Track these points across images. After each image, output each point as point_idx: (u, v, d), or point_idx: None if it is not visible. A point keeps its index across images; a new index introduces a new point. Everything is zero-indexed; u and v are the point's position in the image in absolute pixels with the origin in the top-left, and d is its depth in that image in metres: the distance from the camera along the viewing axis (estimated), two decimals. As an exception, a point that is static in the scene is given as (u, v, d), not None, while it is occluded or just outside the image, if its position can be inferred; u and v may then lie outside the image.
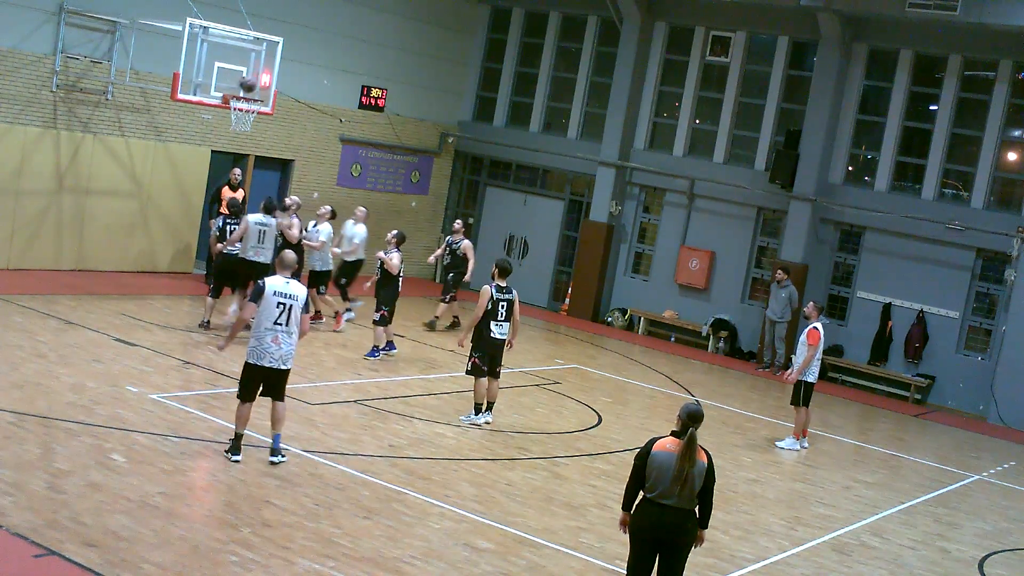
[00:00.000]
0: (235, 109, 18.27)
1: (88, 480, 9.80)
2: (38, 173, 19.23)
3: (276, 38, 18.67)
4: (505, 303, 13.95)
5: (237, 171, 21.18)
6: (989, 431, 20.26)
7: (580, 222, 25.57)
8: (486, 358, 13.94)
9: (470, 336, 14.00)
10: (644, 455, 8.19)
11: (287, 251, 11.70)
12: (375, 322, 16.90)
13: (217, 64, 18.03)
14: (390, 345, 17.26)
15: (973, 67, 22.12)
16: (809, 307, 16.20)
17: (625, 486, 8.36)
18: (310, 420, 12.98)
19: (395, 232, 17.29)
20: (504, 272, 14.13)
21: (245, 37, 18.39)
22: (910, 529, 12.91)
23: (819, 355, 15.78)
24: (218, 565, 8.52)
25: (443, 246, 21.12)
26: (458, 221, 21.10)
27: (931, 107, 22.45)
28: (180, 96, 17.89)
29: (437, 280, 26.90)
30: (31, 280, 18.51)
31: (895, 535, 12.58)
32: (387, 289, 16.92)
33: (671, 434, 8.28)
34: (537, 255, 26.32)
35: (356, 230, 19.43)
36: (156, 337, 15.96)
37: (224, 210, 18.31)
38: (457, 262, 20.49)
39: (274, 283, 11.10)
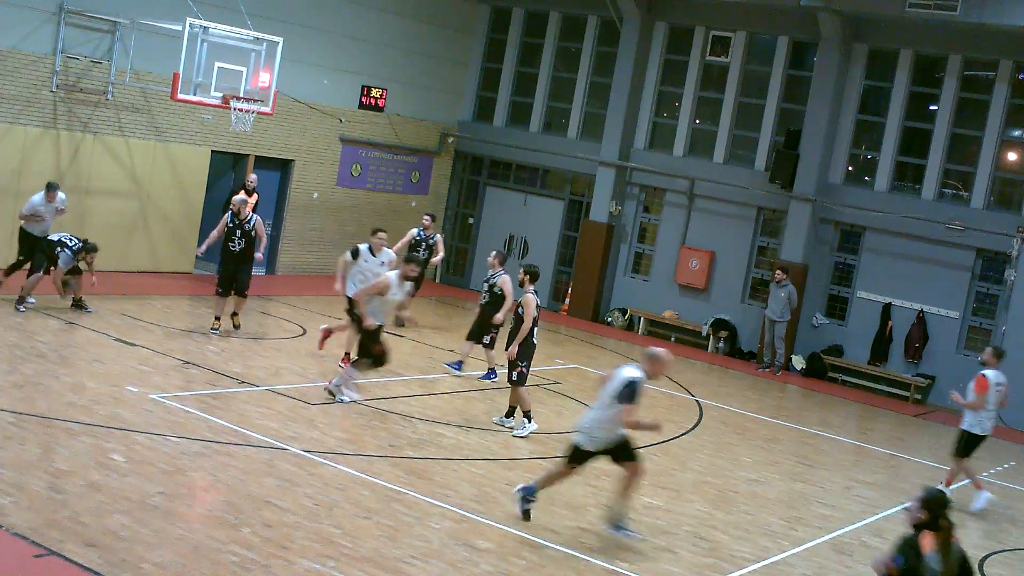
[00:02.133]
0: (235, 109, 18.28)
1: (88, 480, 9.80)
2: (38, 173, 19.22)
3: (276, 38, 18.67)
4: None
5: (253, 176, 21.20)
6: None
7: (580, 222, 25.57)
8: (528, 366, 14.02)
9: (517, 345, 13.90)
10: (916, 559, 7.30)
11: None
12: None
13: (217, 64, 18.04)
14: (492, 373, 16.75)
15: (973, 67, 22.13)
16: (987, 353, 14.59)
17: None
18: (310, 420, 12.98)
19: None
20: (536, 278, 14.23)
21: (245, 37, 18.39)
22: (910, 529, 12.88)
23: (990, 405, 14.32)
24: (218, 565, 8.52)
25: (414, 239, 19.83)
26: (427, 216, 20.41)
27: (931, 107, 22.45)
28: (180, 96, 17.91)
29: (437, 279, 26.94)
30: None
31: (895, 535, 12.55)
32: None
33: (917, 526, 7.42)
34: (537, 255, 26.29)
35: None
36: (156, 337, 15.96)
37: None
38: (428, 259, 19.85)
39: None
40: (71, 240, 16.60)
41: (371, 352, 13.76)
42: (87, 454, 10.48)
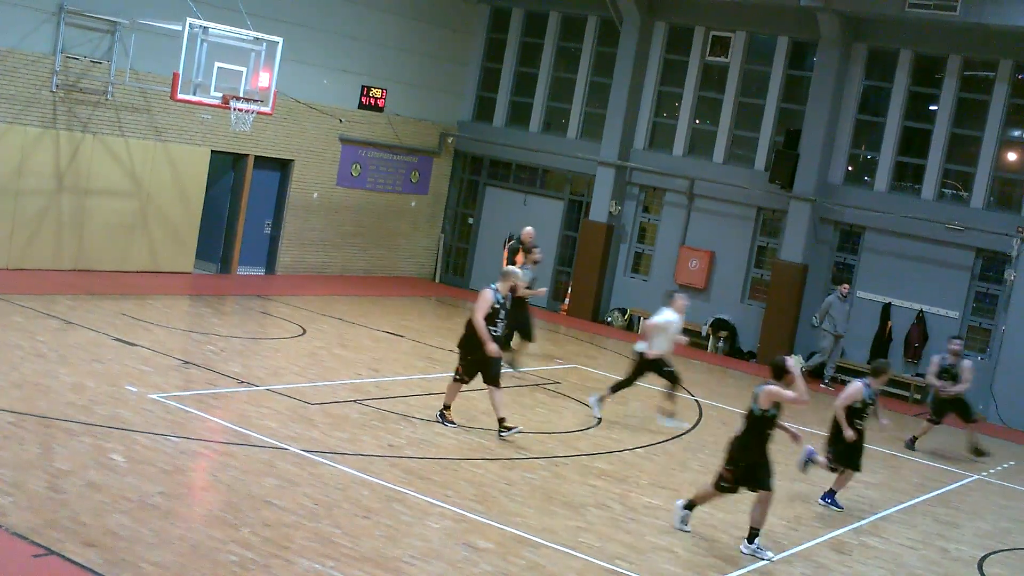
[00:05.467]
0: (235, 109, 18.27)
1: (88, 480, 9.80)
2: (38, 173, 19.24)
3: (276, 38, 18.67)
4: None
5: (530, 229, 19.30)
6: (989, 431, 20.23)
7: (580, 222, 25.56)
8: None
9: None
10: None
11: None
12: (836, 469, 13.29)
13: (217, 64, 18.03)
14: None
15: (973, 67, 22.13)
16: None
17: None
18: (310, 420, 12.98)
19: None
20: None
21: (245, 37, 18.39)
22: (910, 529, 12.90)
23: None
24: (217, 565, 8.52)
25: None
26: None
27: (931, 107, 22.45)
28: (180, 96, 17.89)
29: (437, 279, 26.94)
30: (31, 280, 18.51)
31: (895, 535, 12.58)
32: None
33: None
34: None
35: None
36: (156, 337, 15.96)
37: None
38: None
39: None
40: None
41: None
42: (87, 454, 10.48)
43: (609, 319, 25.00)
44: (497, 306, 13.48)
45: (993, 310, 21.63)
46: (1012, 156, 22.04)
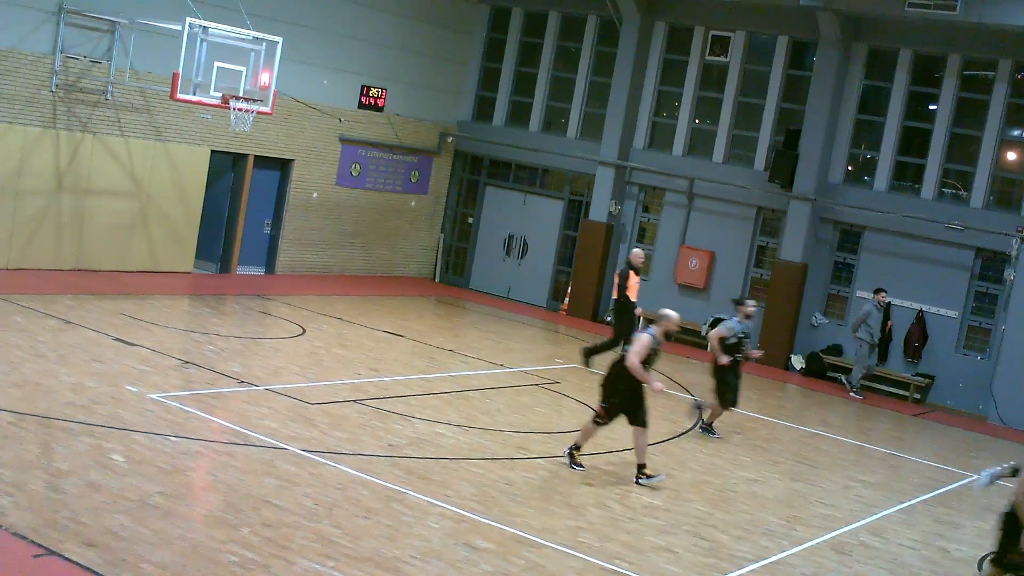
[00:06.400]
0: (235, 109, 18.27)
1: (87, 480, 9.80)
2: (38, 173, 19.23)
3: (276, 38, 18.67)
4: None
5: (638, 251, 19.52)
6: (988, 431, 20.27)
7: (579, 222, 25.57)
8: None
9: None
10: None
11: None
12: None
13: (217, 64, 18.03)
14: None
15: (972, 67, 22.13)
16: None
17: None
18: (309, 420, 12.98)
19: None
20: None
21: (245, 37, 18.39)
22: (910, 529, 12.91)
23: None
24: (218, 565, 8.53)
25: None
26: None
27: (931, 107, 22.46)
28: (179, 96, 17.89)
29: (437, 279, 26.95)
30: (31, 280, 18.52)
31: (895, 535, 12.58)
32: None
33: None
34: (537, 255, 26.33)
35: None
36: (156, 337, 15.96)
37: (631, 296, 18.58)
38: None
39: None
40: None
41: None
42: (86, 454, 10.48)
43: (608, 319, 24.99)
44: (652, 351, 12.79)
45: (993, 310, 21.64)
46: (1012, 156, 22.05)
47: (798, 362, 22.80)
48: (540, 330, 23.44)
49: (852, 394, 21.03)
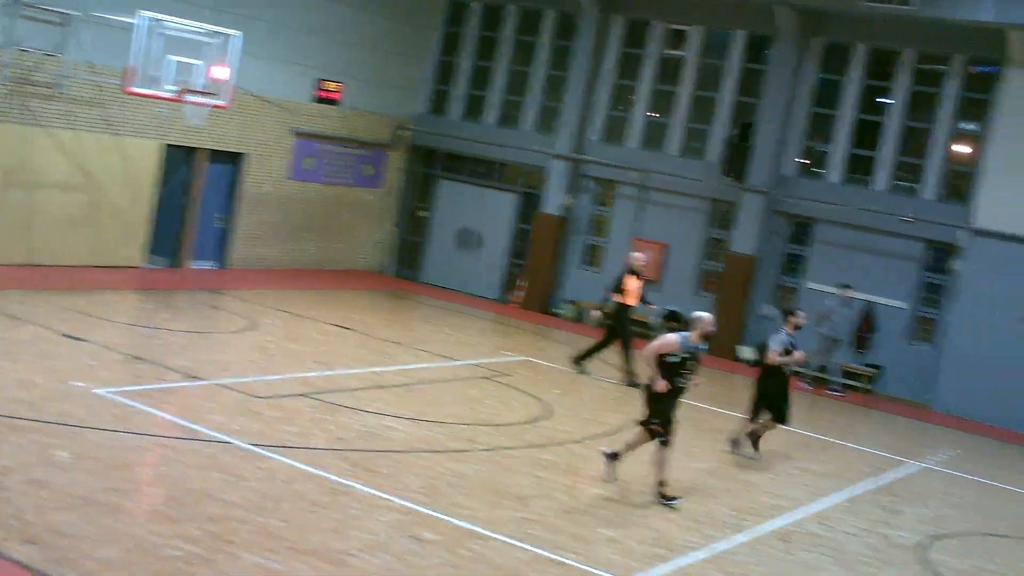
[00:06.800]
0: (189, 103, 18.14)
1: (31, 477, 9.73)
2: (-13, 167, 19.04)
3: (233, 32, 18.55)
4: None
5: (639, 255, 19.26)
6: (934, 419, 20.56)
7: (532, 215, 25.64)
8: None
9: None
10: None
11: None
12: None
13: (170, 57, 17.90)
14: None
15: (926, 61, 22.39)
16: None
17: None
18: (258, 414, 12.96)
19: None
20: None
21: (200, 30, 18.26)
22: (854, 517, 13.08)
23: None
24: (162, 560, 8.51)
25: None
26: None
27: (884, 100, 22.70)
28: (132, 89, 17.75)
29: (390, 273, 26.92)
30: (-21, 275, 18.34)
31: (839, 523, 12.75)
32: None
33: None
34: (490, 248, 26.36)
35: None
36: (105, 332, 15.87)
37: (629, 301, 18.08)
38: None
39: None
40: None
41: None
42: (30, 450, 10.41)
43: (559, 311, 25.11)
44: (685, 356, 12.17)
45: (939, 300, 21.92)
46: (962, 149, 22.33)
47: (746, 353, 22.97)
48: (490, 322, 23.49)
49: (802, 384, 21.20)
